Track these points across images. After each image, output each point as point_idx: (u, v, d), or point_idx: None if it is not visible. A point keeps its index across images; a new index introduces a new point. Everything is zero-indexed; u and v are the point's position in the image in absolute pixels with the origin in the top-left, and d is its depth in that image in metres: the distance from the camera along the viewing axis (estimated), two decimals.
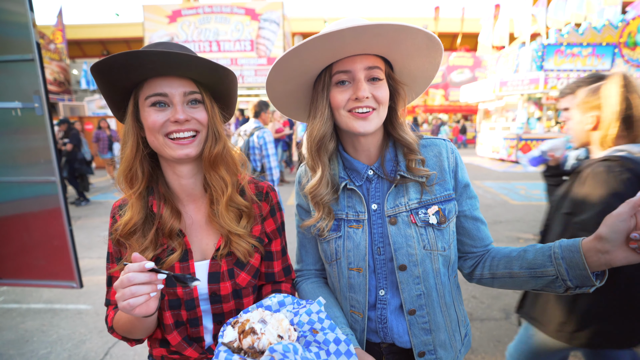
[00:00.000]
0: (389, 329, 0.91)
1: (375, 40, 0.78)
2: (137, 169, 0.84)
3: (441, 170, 0.90)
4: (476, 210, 0.95)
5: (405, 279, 0.87)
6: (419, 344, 0.89)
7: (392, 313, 0.90)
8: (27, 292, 3.47)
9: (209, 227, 0.90)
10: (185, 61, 0.76)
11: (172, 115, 0.80)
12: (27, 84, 2.00)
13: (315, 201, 0.91)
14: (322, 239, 0.95)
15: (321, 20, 21.38)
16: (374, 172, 0.91)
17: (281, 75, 0.86)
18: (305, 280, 1.04)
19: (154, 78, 0.79)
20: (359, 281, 0.90)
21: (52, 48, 14.99)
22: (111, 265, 0.90)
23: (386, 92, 0.85)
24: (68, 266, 2.26)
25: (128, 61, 0.74)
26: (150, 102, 0.80)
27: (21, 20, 1.92)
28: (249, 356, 0.65)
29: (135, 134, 0.83)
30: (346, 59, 0.82)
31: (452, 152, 0.91)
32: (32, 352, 2.56)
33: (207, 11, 12.42)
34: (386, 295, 0.90)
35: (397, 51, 0.84)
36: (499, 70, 14.17)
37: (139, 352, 2.54)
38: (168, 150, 0.81)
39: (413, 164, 0.88)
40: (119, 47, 24.84)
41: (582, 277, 0.72)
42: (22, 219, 2.23)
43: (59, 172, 2.13)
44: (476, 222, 0.94)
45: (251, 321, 0.69)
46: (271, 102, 0.95)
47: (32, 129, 2.07)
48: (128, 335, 0.85)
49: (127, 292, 0.65)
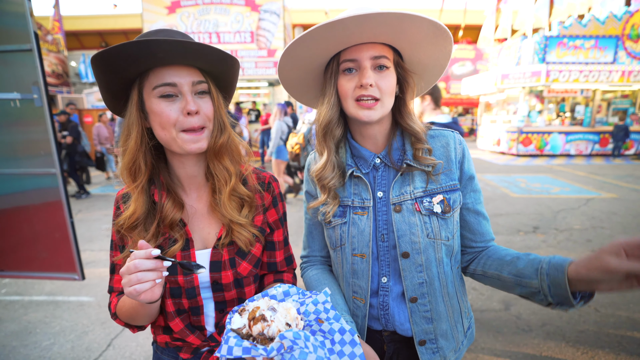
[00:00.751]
0: (390, 316, 0.92)
1: (380, 29, 0.78)
2: (140, 161, 0.82)
3: (448, 160, 0.89)
4: (479, 204, 0.94)
5: (408, 267, 0.87)
6: (419, 332, 0.90)
7: (394, 300, 0.91)
8: (29, 284, 3.49)
9: (210, 216, 0.90)
10: (198, 50, 0.75)
11: (183, 107, 0.78)
12: (25, 75, 1.97)
13: (322, 184, 0.93)
14: (327, 224, 0.96)
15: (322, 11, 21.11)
16: (381, 160, 0.92)
17: (290, 64, 0.88)
18: (311, 267, 1.06)
19: (160, 67, 0.77)
20: (362, 267, 0.91)
21: (49, 39, 14.82)
22: (114, 252, 0.90)
23: (391, 82, 0.84)
24: (70, 258, 2.26)
25: (140, 50, 0.72)
26: (159, 93, 0.78)
27: (19, 9, 1.89)
28: (259, 342, 0.66)
29: (139, 125, 0.81)
30: (353, 47, 0.83)
31: (459, 144, 0.91)
32: (35, 344, 2.59)
33: (207, 2, 12.25)
34: (389, 282, 0.91)
35: (403, 40, 0.83)
36: (500, 62, 14.05)
37: (141, 342, 2.56)
38: (180, 143, 0.79)
39: (420, 153, 0.88)
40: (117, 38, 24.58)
41: (563, 297, 0.72)
42: (23, 211, 2.22)
43: (59, 164, 2.12)
44: (478, 216, 0.94)
45: (261, 308, 0.69)
46: (285, 90, 0.98)
47: (32, 120, 2.05)
48: (131, 322, 0.86)
49: (133, 278, 0.66)
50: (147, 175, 0.83)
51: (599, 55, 11.41)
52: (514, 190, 7.19)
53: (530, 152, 12.06)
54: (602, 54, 11.40)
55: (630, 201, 6.25)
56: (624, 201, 6.25)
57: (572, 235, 4.60)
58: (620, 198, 6.47)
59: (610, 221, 5.15)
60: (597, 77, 11.33)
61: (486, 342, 2.49)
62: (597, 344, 2.46)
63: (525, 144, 12.00)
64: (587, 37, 11.27)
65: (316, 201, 0.95)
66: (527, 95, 12.41)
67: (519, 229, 4.93)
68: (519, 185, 7.64)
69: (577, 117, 12.74)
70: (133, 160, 0.81)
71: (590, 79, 11.37)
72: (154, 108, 0.78)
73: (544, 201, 6.36)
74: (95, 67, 0.75)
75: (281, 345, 0.62)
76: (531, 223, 5.13)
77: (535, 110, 12.80)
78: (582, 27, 11.24)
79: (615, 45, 11.32)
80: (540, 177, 8.70)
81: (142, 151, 0.82)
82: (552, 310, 0.78)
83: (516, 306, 2.94)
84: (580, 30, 11.25)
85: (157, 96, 0.78)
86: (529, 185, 7.68)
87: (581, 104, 12.78)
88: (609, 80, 11.37)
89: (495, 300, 3.06)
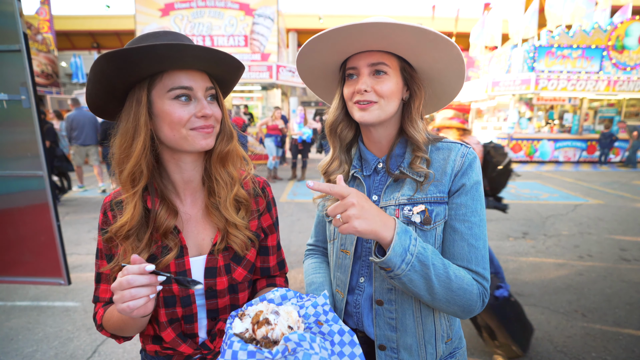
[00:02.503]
0: (360, 314, 0.94)
1: (372, 39, 0.81)
2: (143, 165, 0.79)
3: (442, 172, 0.86)
4: (460, 222, 0.84)
5: (379, 270, 0.88)
6: (381, 336, 0.90)
7: (365, 301, 0.93)
8: (12, 289, 3.39)
9: (205, 221, 0.89)
10: (222, 59, 0.78)
11: (198, 110, 0.78)
12: (13, 76, 1.93)
13: (328, 178, 1.00)
14: (327, 218, 1.04)
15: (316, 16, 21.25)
16: (382, 164, 0.94)
17: (304, 71, 0.98)
18: (312, 255, 1.14)
19: (176, 70, 0.77)
20: (345, 262, 0.96)
21: (39, 39, 14.60)
22: (100, 261, 0.88)
23: (389, 86, 0.85)
24: (55, 262, 2.21)
25: (170, 52, 0.71)
26: (174, 95, 0.77)
27: (7, 9, 1.85)
28: (263, 346, 0.66)
29: (148, 127, 0.78)
30: (354, 56, 0.88)
31: (462, 156, 0.86)
32: (17, 351, 2.51)
33: (201, 5, 12.23)
34: (364, 283, 0.93)
35: (397, 46, 0.84)
36: (491, 70, 14.31)
37: (128, 349, 2.51)
38: (191, 140, 0.79)
39: (417, 162, 0.88)
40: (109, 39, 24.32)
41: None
42: (7, 214, 2.17)
43: (47, 167, 2.08)
44: (454, 233, 0.84)
45: (264, 312, 0.70)
46: (308, 87, 1.08)
47: (19, 121, 2.01)
48: (118, 333, 0.84)
49: (126, 295, 0.64)
50: (146, 179, 0.81)
51: (585, 65, 11.71)
52: (504, 196, 7.27)
53: (520, 159, 12.27)
54: (588, 64, 11.70)
55: (616, 207, 6.40)
56: (610, 207, 6.40)
57: (561, 241, 4.68)
58: (606, 204, 6.62)
59: (597, 227, 5.26)
60: (584, 85, 11.62)
61: (476, 348, 2.51)
62: (584, 349, 2.49)
63: (515, 150, 12.20)
64: (574, 47, 11.57)
65: (321, 193, 0.99)
66: (517, 103, 12.65)
67: (508, 234, 4.99)
68: (508, 191, 7.74)
69: (565, 124, 13.02)
70: (138, 164, 0.79)
71: (577, 87, 11.64)
72: (167, 109, 0.77)
73: (533, 207, 6.46)
74: (110, 63, 0.72)
75: (285, 348, 0.63)
76: (520, 229, 5.21)
77: (525, 117, 13.05)
78: (570, 38, 11.54)
79: (601, 55, 11.64)
80: (530, 183, 8.85)
81: (146, 154, 0.79)
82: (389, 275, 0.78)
83: None
84: (567, 40, 11.54)
85: (172, 98, 0.77)
86: (518, 191, 7.81)
87: (569, 112, 13.07)
88: (595, 89, 11.66)
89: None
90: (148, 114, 0.78)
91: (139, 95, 0.78)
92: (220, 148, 0.86)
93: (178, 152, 0.84)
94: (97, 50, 20.23)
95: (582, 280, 3.57)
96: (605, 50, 11.58)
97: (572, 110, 13.08)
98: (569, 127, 12.89)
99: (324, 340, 0.72)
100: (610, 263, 3.98)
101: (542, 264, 3.98)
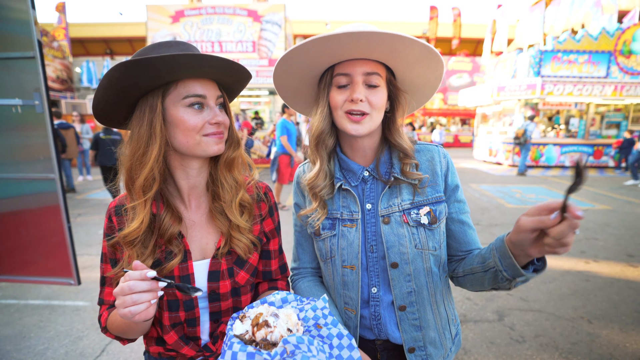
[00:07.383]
0: (382, 325, 0.94)
1: (373, 47, 0.81)
2: (156, 172, 0.80)
3: (433, 173, 0.93)
4: (463, 214, 0.96)
5: (397, 276, 0.90)
6: (409, 339, 0.92)
7: (385, 309, 0.93)
8: (26, 288, 3.48)
9: (209, 225, 0.92)
10: (237, 70, 0.82)
11: (211, 118, 0.81)
12: (27, 81, 2.01)
13: (313, 192, 0.95)
14: (317, 237, 0.98)
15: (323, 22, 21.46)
16: (369, 173, 0.95)
17: (285, 72, 0.91)
18: (302, 278, 1.07)
19: (191, 78, 0.80)
20: (352, 278, 0.93)
21: (55, 46, 14.99)
22: (105, 265, 0.89)
23: (381, 98, 0.87)
24: (66, 263, 2.27)
25: (191, 62, 0.74)
26: (188, 102, 0.79)
27: (22, 17, 1.93)
28: (262, 347, 0.68)
29: (163, 135, 0.79)
30: (347, 62, 0.85)
31: (444, 157, 0.95)
32: (30, 348, 2.57)
33: (210, 12, 12.45)
34: (379, 292, 0.93)
35: (395, 59, 0.86)
36: (497, 75, 14.26)
37: (135, 349, 2.56)
38: (204, 146, 0.82)
39: (408, 168, 0.91)
40: (122, 46, 24.88)
41: (512, 265, 0.73)
42: (20, 215, 2.24)
43: (59, 169, 2.15)
44: (463, 225, 0.96)
45: (264, 315, 0.71)
46: (281, 98, 1.01)
47: (32, 126, 2.08)
48: (122, 336, 0.85)
49: (128, 300, 0.66)
50: (158, 186, 0.82)
51: (592, 70, 11.61)
52: (510, 200, 7.24)
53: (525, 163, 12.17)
54: (595, 69, 11.61)
55: (623, 213, 6.31)
56: (618, 213, 6.31)
57: None
58: (613, 210, 6.53)
59: (603, 233, 5.19)
60: (591, 90, 11.51)
61: (480, 353, 2.50)
62: (590, 355, 2.47)
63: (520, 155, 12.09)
64: (580, 52, 11.49)
65: (308, 208, 0.97)
66: (523, 108, 12.58)
67: None
68: (514, 196, 7.69)
69: (571, 129, 12.89)
70: (152, 171, 0.79)
71: (584, 92, 11.54)
72: (181, 116, 0.79)
73: None
74: (129, 71, 0.73)
75: (284, 350, 0.64)
76: None
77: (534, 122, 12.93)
78: (576, 42, 11.47)
79: (608, 60, 11.54)
80: (536, 187, 8.78)
81: (159, 162, 0.80)
82: (513, 289, 0.77)
83: (510, 317, 2.96)
84: (574, 45, 11.47)
85: (186, 105, 0.79)
86: (524, 196, 7.74)
87: (575, 117, 12.94)
88: (602, 94, 11.55)
89: (489, 310, 3.07)
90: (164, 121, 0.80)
91: (152, 102, 0.78)
92: (228, 154, 0.88)
93: (187, 158, 0.85)
94: (110, 57, 20.62)
95: (588, 286, 3.54)
96: (612, 55, 11.48)
97: (578, 115, 12.96)
98: (575, 132, 12.77)
99: (323, 343, 0.73)
100: (617, 269, 3.94)
101: (548, 270, 3.94)
